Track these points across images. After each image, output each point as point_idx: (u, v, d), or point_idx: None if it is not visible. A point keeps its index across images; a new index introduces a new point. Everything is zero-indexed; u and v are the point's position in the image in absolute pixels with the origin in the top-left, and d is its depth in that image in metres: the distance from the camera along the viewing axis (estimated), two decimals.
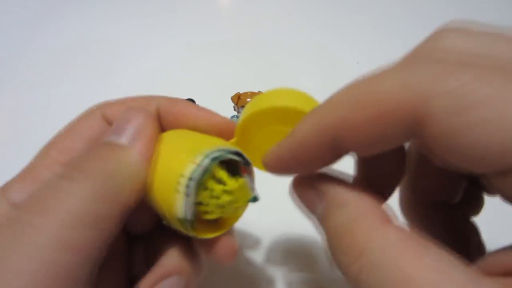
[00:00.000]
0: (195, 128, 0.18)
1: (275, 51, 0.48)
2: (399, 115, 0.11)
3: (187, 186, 0.14)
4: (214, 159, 0.15)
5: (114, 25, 0.53)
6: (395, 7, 0.55)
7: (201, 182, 0.15)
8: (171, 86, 0.43)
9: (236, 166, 0.17)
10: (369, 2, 0.56)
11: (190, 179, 0.14)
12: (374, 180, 0.16)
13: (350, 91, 0.13)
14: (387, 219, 0.12)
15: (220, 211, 0.16)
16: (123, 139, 0.16)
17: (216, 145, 0.15)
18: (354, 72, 0.50)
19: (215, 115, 0.19)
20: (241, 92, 0.32)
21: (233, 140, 0.18)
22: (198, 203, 0.15)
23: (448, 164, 0.12)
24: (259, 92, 0.32)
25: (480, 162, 0.11)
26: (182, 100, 0.20)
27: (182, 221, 0.15)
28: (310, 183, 0.14)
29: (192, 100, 0.34)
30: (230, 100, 0.32)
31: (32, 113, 0.40)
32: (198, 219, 0.16)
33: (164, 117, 0.19)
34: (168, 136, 0.17)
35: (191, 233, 0.16)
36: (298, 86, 0.46)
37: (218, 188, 0.15)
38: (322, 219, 0.14)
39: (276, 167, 0.15)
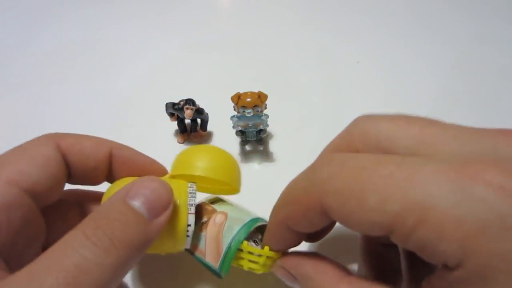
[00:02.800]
0: (140, 172, 0.23)
1: (275, 51, 0.48)
2: (313, 208, 0.17)
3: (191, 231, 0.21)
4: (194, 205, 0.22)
5: (114, 25, 0.53)
6: (395, 7, 0.55)
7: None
8: (171, 86, 0.43)
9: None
10: (369, 2, 0.56)
11: (190, 225, 0.21)
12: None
13: (285, 194, 0.19)
14: (342, 275, 0.17)
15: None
16: (149, 214, 0.18)
17: (185, 195, 0.21)
18: (354, 72, 0.50)
19: (155, 162, 0.24)
20: (241, 92, 0.32)
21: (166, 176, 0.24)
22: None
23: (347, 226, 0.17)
24: (259, 92, 0.32)
25: (364, 231, 0.16)
26: (129, 147, 0.24)
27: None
28: (287, 272, 0.20)
29: (192, 100, 0.34)
30: (230, 100, 0.32)
31: (31, 113, 0.41)
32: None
33: (115, 159, 0.22)
34: None
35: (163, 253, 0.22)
36: (298, 86, 0.46)
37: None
38: None
39: (271, 244, 0.21)
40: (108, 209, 0.17)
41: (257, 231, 0.23)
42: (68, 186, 0.22)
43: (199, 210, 0.24)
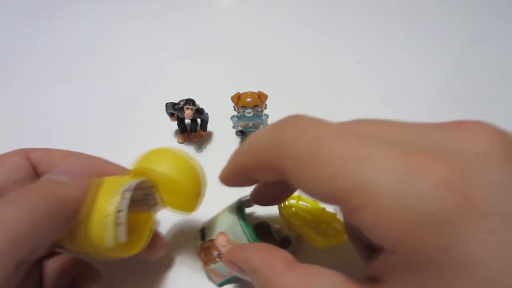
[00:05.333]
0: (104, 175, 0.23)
1: (275, 51, 0.48)
2: (269, 165, 0.18)
3: (110, 222, 0.19)
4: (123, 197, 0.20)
5: (114, 25, 0.53)
6: (395, 8, 0.55)
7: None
8: (171, 86, 0.43)
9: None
10: (369, 2, 0.56)
11: (108, 216, 0.19)
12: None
13: (248, 143, 0.20)
14: (287, 265, 0.18)
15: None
16: (66, 178, 0.20)
17: (120, 185, 0.20)
18: (354, 72, 0.50)
19: (117, 166, 0.24)
20: (241, 92, 0.32)
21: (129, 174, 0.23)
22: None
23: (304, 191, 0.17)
24: (259, 92, 0.32)
25: (317, 198, 0.16)
26: (93, 156, 0.24)
27: (109, 249, 0.20)
28: (236, 265, 0.20)
29: (192, 100, 0.34)
30: (230, 100, 0.32)
31: (32, 112, 0.40)
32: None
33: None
34: (99, 182, 0.21)
35: (112, 255, 0.20)
36: (298, 86, 0.46)
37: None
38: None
39: (224, 180, 0.22)
40: (26, 186, 0.19)
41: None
42: None
43: (205, 251, 0.25)
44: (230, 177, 0.22)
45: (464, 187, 0.13)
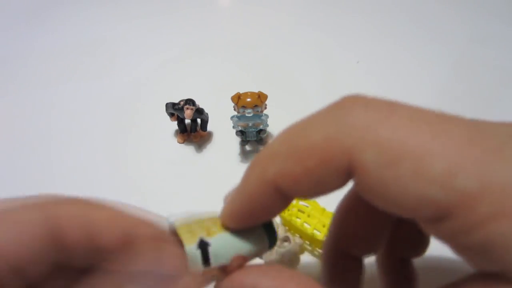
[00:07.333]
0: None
1: (275, 51, 0.48)
2: (332, 165, 0.12)
3: None
4: None
5: (114, 25, 0.53)
6: (395, 8, 0.55)
7: None
8: (171, 86, 0.43)
9: None
10: (369, 2, 0.56)
11: None
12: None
13: (285, 140, 0.13)
14: None
15: None
16: None
17: None
18: (354, 72, 0.50)
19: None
20: (241, 92, 0.32)
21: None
22: None
23: (381, 208, 0.12)
24: (259, 92, 0.32)
25: (407, 210, 0.11)
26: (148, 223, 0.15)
27: None
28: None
29: (192, 101, 0.34)
30: (230, 100, 0.32)
31: (32, 113, 0.40)
32: None
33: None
34: None
35: None
36: (298, 86, 0.46)
37: None
38: None
39: (232, 221, 0.15)
40: None
41: None
42: None
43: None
44: (249, 205, 0.14)
45: None
